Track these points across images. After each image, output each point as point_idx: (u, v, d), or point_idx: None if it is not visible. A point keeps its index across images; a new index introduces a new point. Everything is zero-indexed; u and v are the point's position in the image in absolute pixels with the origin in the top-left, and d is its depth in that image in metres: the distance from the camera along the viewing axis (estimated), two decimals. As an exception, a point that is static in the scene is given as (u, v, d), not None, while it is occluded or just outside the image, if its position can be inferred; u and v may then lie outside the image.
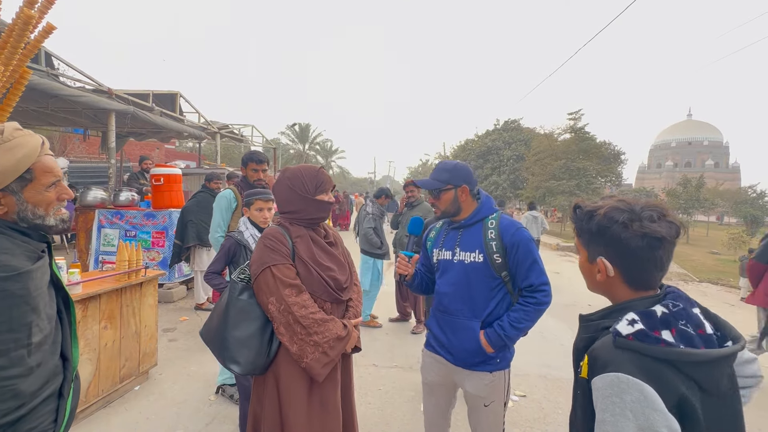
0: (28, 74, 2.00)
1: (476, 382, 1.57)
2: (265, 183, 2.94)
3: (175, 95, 8.27)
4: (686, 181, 23.25)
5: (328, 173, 1.64)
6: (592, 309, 0.90)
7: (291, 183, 1.51)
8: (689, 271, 11.22)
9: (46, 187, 0.94)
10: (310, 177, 1.52)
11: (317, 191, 1.52)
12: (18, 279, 0.83)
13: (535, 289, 1.53)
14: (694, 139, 70.68)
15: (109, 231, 5.15)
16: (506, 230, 1.55)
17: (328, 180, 1.57)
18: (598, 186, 18.50)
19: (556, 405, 2.94)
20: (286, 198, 1.52)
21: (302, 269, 1.44)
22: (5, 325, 0.80)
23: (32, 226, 0.92)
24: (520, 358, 3.79)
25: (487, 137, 27.64)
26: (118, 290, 2.70)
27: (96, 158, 15.00)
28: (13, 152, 0.88)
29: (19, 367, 0.82)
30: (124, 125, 7.42)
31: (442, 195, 1.62)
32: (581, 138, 18.43)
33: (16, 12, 1.76)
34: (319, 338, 1.37)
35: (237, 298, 1.42)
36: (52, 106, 6.44)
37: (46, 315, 0.91)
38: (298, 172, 1.54)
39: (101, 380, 2.58)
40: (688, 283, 9.56)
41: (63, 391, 0.95)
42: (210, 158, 16.66)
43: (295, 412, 1.38)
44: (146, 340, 2.98)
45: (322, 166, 1.71)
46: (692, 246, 18.90)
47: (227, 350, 1.39)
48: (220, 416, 2.58)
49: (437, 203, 1.65)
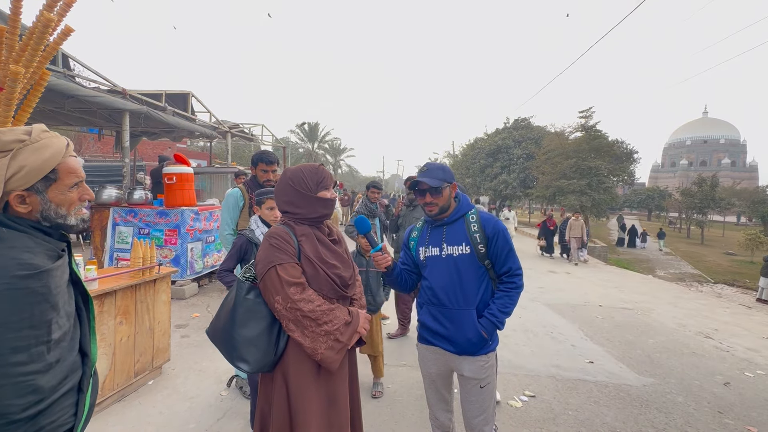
0: (47, 76, 2.06)
1: (475, 366, 1.70)
2: (275, 183, 2.97)
3: (188, 95, 8.37)
4: (701, 181, 22.76)
5: (338, 172, 1.66)
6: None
7: (292, 182, 1.52)
8: (704, 272, 11.00)
9: (70, 187, 0.97)
10: (311, 174, 1.54)
11: (319, 188, 1.53)
12: (39, 277, 0.86)
13: (513, 273, 1.71)
14: (710, 137, 69.11)
15: (123, 229, 5.26)
16: (487, 222, 1.72)
17: (329, 176, 1.59)
18: (609, 185, 18.20)
19: (567, 406, 2.92)
20: (289, 197, 1.53)
21: (309, 268, 1.46)
22: (26, 322, 0.83)
23: (54, 225, 0.95)
24: (530, 359, 3.80)
25: (497, 136, 27.37)
26: (133, 287, 2.76)
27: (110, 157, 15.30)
28: (40, 153, 0.91)
29: (38, 363, 0.84)
30: (138, 125, 7.55)
31: (443, 192, 1.74)
32: (593, 136, 18.16)
33: (36, 15, 1.81)
34: (329, 327, 1.40)
35: (244, 297, 1.43)
36: (68, 106, 6.59)
37: (65, 312, 0.94)
38: (298, 170, 1.55)
39: (116, 374, 2.64)
40: (703, 285, 9.38)
41: (82, 386, 0.98)
42: (221, 157, 16.84)
43: (305, 408, 1.39)
44: (159, 335, 3.04)
45: (322, 164, 1.73)
46: (707, 246, 18.51)
47: (235, 349, 1.40)
48: (231, 412, 2.62)
49: (437, 200, 1.74)
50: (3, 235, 0.86)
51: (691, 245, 18.91)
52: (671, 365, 3.81)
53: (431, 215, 1.78)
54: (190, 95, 8.42)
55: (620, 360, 3.87)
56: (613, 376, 3.50)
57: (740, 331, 5.19)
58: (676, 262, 13.31)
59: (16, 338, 0.81)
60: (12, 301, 0.81)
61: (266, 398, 1.49)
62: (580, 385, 3.27)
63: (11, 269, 0.82)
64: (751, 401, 3.15)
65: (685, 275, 10.64)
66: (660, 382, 3.42)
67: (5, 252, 0.84)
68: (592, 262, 11.31)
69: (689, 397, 3.16)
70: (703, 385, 3.39)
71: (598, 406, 2.94)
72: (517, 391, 3.12)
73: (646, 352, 4.14)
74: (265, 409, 1.49)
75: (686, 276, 10.49)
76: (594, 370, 3.61)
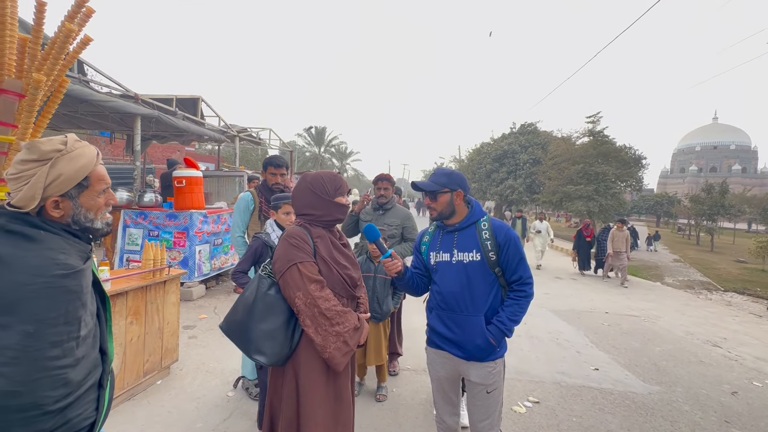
0: (66, 83, 2.14)
1: (482, 371, 1.71)
2: (284, 186, 3.03)
3: (197, 100, 8.50)
4: (710, 187, 22.48)
5: (344, 176, 1.76)
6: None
7: (312, 186, 1.62)
8: (714, 280, 10.84)
9: (99, 193, 1.04)
10: (330, 180, 1.65)
11: (336, 194, 1.64)
12: (74, 276, 0.92)
13: (523, 281, 1.72)
14: (721, 142, 68.27)
15: (133, 230, 5.36)
16: (499, 230, 1.72)
17: (345, 184, 1.70)
18: (617, 191, 18.05)
19: (571, 412, 2.91)
20: (308, 201, 1.63)
21: (323, 267, 1.55)
22: (62, 318, 0.89)
23: (83, 228, 1.01)
24: (534, 365, 3.79)
25: (503, 141, 27.32)
26: (143, 288, 2.82)
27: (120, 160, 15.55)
28: (75, 161, 0.98)
29: (70, 357, 0.90)
30: (149, 129, 7.69)
31: (439, 197, 1.74)
32: (600, 142, 18.05)
33: (58, 26, 1.89)
34: (340, 328, 1.48)
35: (266, 293, 1.52)
36: (82, 110, 6.74)
37: (90, 311, 1.00)
38: (318, 176, 1.66)
39: (126, 374, 2.69)
40: (712, 293, 9.24)
41: (102, 382, 1.03)
42: (229, 161, 17.02)
43: (313, 402, 1.47)
44: (168, 336, 3.10)
45: (339, 172, 1.82)
46: (717, 254, 18.25)
47: (252, 342, 1.48)
48: (237, 412, 2.65)
49: (434, 204, 1.77)
50: (40, 237, 0.92)
51: (701, 252, 18.65)
52: (678, 373, 3.77)
53: (432, 219, 1.84)
54: (199, 100, 8.55)
55: (626, 367, 3.85)
56: (619, 383, 3.48)
57: (750, 340, 5.13)
58: (685, 269, 13.13)
59: (54, 333, 0.87)
60: (50, 298, 0.87)
61: (276, 392, 1.57)
62: (584, 392, 3.26)
63: (50, 269, 0.88)
64: (760, 411, 3.12)
65: (693, 282, 10.49)
66: (666, 390, 3.40)
67: (43, 253, 0.90)
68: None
69: (696, 406, 3.13)
70: (710, 394, 3.36)
71: (603, 413, 2.93)
72: (521, 396, 3.12)
73: (652, 360, 4.11)
74: (275, 402, 1.57)
75: (695, 283, 10.34)
76: (599, 377, 3.59)
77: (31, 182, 0.92)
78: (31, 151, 0.94)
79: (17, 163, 0.94)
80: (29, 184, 0.92)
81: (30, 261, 0.87)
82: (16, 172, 0.93)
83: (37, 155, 0.94)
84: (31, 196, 0.92)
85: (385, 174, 3.23)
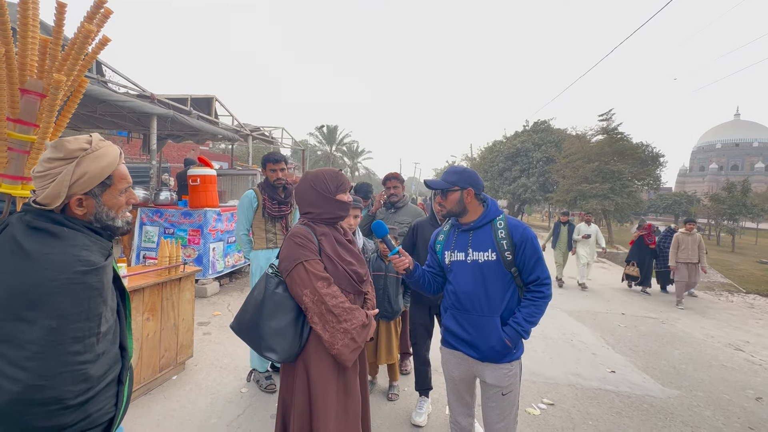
0: (85, 83, 2.17)
1: (498, 373, 1.67)
2: (286, 181, 3.02)
3: (212, 99, 8.61)
4: (731, 186, 21.79)
5: (355, 174, 1.77)
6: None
7: (314, 184, 1.65)
8: (735, 282, 10.52)
9: (121, 192, 1.05)
10: (331, 178, 1.67)
11: (338, 191, 1.66)
12: (96, 273, 0.93)
13: (541, 282, 1.66)
14: (743, 140, 66.11)
15: (149, 228, 5.46)
16: (515, 229, 1.68)
17: (347, 181, 1.72)
18: (633, 189, 17.66)
19: (587, 416, 2.85)
20: (310, 198, 1.65)
21: (329, 264, 1.57)
22: (84, 314, 0.90)
23: (104, 226, 1.03)
24: (549, 366, 3.73)
25: (516, 139, 27.00)
26: (159, 284, 2.87)
27: (137, 159, 15.87)
28: (99, 161, 0.99)
29: (90, 353, 0.91)
30: (165, 128, 7.82)
31: (449, 195, 1.72)
32: (615, 139, 17.68)
33: (77, 27, 1.92)
34: (348, 325, 1.50)
35: (274, 291, 1.54)
36: (100, 110, 6.89)
37: (110, 307, 1.01)
38: (319, 173, 1.69)
39: (143, 369, 2.74)
40: (733, 294, 8.96)
41: (122, 378, 1.04)
42: (242, 159, 17.22)
43: (324, 396, 1.50)
44: (183, 332, 3.14)
45: (341, 169, 1.84)
46: (738, 255, 17.70)
47: (263, 340, 1.51)
48: (251, 407, 2.68)
49: (444, 202, 1.76)
50: (64, 234, 0.93)
51: (721, 253, 18.10)
52: (698, 377, 3.67)
53: (442, 216, 1.84)
54: (214, 99, 8.65)
55: (644, 370, 3.76)
56: (636, 386, 3.39)
57: (774, 344, 4.95)
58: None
59: (76, 329, 0.88)
60: (73, 294, 0.88)
61: (288, 388, 1.60)
62: (601, 395, 3.19)
63: (73, 265, 0.89)
64: (785, 418, 3.01)
65: (714, 284, 10.19)
66: (686, 394, 3.30)
67: (67, 249, 0.91)
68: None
69: (717, 411, 3.04)
70: (733, 399, 3.26)
71: (620, 417, 2.86)
72: (536, 398, 3.07)
73: (671, 363, 4.00)
74: (287, 397, 1.60)
75: (715, 285, 10.04)
76: (616, 379, 3.51)
77: (57, 180, 0.94)
78: (57, 150, 0.96)
79: (44, 161, 0.96)
80: (55, 182, 0.94)
81: (54, 257, 0.88)
82: (42, 170, 0.95)
83: (63, 154, 0.95)
84: (57, 194, 0.93)
85: (393, 173, 3.27)
